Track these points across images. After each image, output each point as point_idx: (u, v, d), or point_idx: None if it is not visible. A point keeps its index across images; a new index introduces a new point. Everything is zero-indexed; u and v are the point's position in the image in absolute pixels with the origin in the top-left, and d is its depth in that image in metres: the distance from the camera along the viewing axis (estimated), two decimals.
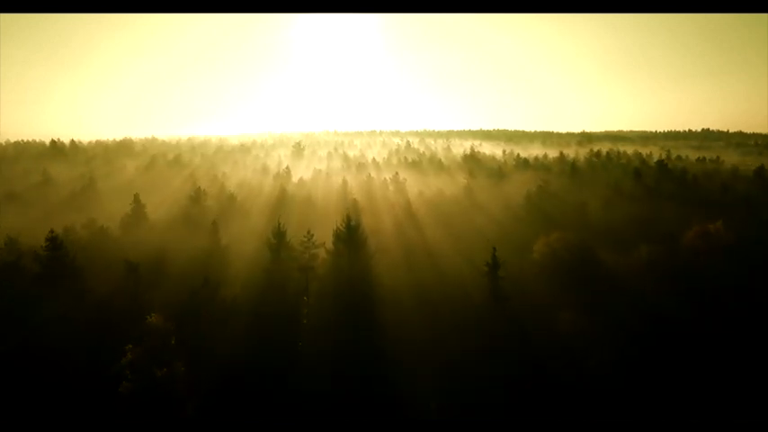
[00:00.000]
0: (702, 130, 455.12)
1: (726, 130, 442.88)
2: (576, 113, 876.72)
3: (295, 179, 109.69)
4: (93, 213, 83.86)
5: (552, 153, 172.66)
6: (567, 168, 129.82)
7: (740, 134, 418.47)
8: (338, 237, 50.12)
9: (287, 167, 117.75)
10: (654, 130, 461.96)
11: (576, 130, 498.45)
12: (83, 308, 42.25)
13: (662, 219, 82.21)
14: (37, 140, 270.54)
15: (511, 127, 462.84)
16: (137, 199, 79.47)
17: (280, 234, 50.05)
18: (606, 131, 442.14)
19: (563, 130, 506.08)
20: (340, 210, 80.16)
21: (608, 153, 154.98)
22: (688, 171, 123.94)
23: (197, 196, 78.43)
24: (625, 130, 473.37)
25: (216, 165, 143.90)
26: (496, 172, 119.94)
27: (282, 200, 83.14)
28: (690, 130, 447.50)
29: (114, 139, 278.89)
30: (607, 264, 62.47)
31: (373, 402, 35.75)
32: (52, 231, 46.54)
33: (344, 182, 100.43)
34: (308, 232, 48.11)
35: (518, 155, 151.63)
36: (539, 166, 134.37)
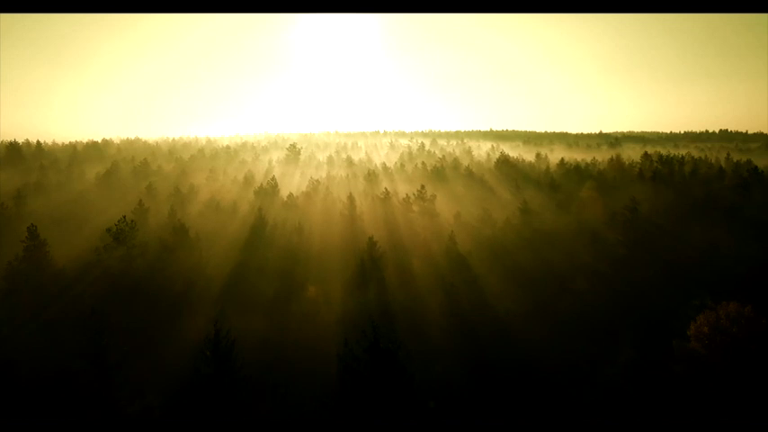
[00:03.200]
0: (720, 131, 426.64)
1: (744, 131, 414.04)
2: (575, 114, 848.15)
3: (284, 194, 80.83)
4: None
5: (598, 156, 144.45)
6: (633, 176, 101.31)
7: (762, 135, 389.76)
8: (350, 362, 21.75)
9: (273, 178, 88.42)
10: (669, 131, 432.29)
11: (581, 130, 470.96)
12: None
13: None
14: (3, 141, 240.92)
15: (514, 128, 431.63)
16: (33, 235, 50.87)
17: (221, 346, 21.70)
18: (620, 132, 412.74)
19: (570, 130, 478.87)
20: (345, 256, 51.61)
21: (667, 158, 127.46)
22: None
23: (121, 234, 49.21)
24: (636, 131, 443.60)
25: (188, 173, 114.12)
26: (548, 183, 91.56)
27: (259, 235, 53.99)
28: (708, 131, 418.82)
29: (92, 140, 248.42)
30: None
31: None
32: None
33: (351, 200, 71.75)
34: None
35: (562, 159, 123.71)
36: (595, 174, 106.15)
